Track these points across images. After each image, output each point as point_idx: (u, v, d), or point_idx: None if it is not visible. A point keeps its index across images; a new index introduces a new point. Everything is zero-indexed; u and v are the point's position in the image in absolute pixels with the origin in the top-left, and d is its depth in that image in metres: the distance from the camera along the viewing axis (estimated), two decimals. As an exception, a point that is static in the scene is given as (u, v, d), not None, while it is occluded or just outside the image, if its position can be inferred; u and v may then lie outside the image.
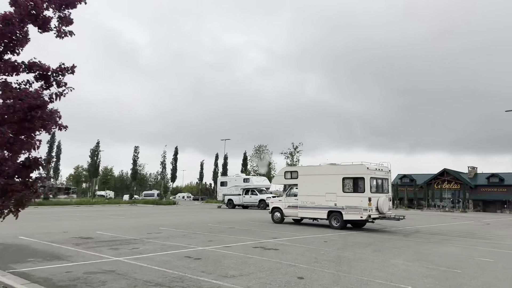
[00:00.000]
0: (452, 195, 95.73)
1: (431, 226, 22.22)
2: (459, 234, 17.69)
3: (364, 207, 16.63)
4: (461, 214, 59.74)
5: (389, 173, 18.28)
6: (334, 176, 17.87)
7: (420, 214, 42.69)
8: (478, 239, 15.90)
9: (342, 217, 17.33)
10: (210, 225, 18.16)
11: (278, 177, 20.76)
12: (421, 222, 25.57)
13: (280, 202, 20.00)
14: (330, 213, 17.80)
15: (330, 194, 17.77)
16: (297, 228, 17.86)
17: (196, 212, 30.92)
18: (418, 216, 35.23)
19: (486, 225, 24.58)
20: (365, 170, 16.92)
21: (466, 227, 22.51)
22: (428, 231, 18.68)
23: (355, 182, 17.25)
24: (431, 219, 29.55)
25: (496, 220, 31.86)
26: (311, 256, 10.18)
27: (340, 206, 17.39)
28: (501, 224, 25.85)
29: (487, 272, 8.93)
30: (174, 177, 61.26)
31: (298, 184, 19.07)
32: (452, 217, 35.67)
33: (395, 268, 9.08)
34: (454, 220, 29.01)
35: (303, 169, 19.75)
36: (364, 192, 16.76)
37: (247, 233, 15.08)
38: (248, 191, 36.46)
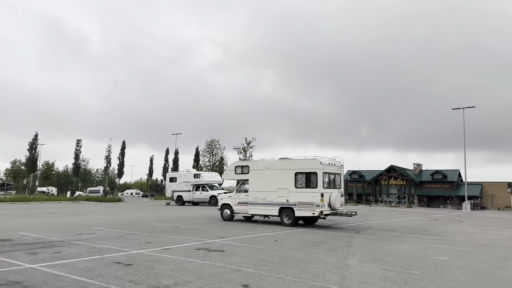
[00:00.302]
0: (398, 191, 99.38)
1: (382, 222, 22.13)
2: (410, 230, 17.53)
3: (316, 203, 15.96)
4: (407, 209, 61.81)
5: (341, 168, 17.77)
6: (286, 171, 17.07)
7: (369, 209, 43.38)
8: (430, 235, 15.74)
9: (294, 214, 16.58)
10: (153, 224, 16.73)
11: (228, 172, 19.66)
12: (371, 217, 25.54)
13: (230, 198, 18.93)
14: (281, 210, 16.99)
15: (282, 190, 16.95)
16: (247, 226, 16.89)
17: (141, 210, 29.13)
18: (368, 211, 35.57)
19: (435, 220, 24.99)
20: (318, 164, 16.25)
21: (416, 222, 22.65)
22: (379, 227, 18.42)
23: (308, 177, 16.55)
24: (381, 215, 29.77)
25: (444, 216, 32.77)
26: (259, 258, 9.19)
27: (292, 202, 16.62)
28: (448, 220, 26.43)
29: (444, 272, 8.39)
30: (121, 173, 58.36)
31: (249, 180, 18.09)
32: (401, 212, 36.39)
33: (350, 270, 8.31)
34: (403, 216, 29.40)
35: (254, 164, 18.79)
36: (317, 188, 16.09)
37: (192, 233, 13.87)
38: (199, 187, 35.06)
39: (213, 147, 57.12)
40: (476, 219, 29.64)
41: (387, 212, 36.15)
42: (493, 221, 26.71)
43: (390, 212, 35.15)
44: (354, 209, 37.50)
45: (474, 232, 17.62)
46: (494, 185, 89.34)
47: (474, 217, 32.91)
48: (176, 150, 56.84)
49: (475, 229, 18.97)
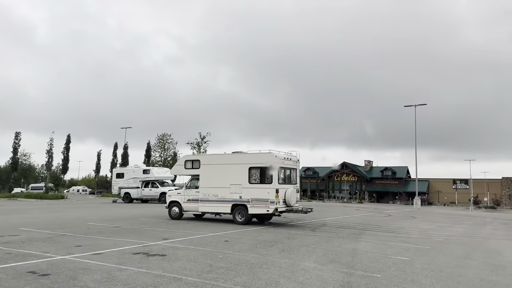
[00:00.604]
0: (350, 187, 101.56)
1: (337, 218, 21.67)
2: (366, 226, 17.07)
3: (271, 199, 15.02)
4: (358, 204, 62.96)
5: (297, 163, 16.96)
6: (240, 166, 15.99)
7: (323, 205, 43.37)
8: (386, 232, 15.29)
9: (247, 211, 15.54)
10: (91, 224, 15.05)
11: (177, 167, 18.25)
12: (326, 214, 25.11)
13: (179, 195, 17.54)
14: (234, 207, 15.90)
15: (235, 186, 15.87)
16: (197, 225, 15.65)
17: (83, 208, 26.95)
18: (322, 207, 35.38)
19: (388, 216, 24.98)
20: (273, 159, 15.31)
21: (370, 219, 22.41)
22: (334, 224, 17.83)
23: (263, 172, 15.57)
24: (335, 211, 29.53)
25: (396, 211, 33.14)
26: (205, 263, 8.04)
27: (246, 198, 15.58)
28: (401, 216, 26.56)
29: (408, 275, 7.66)
30: (66, 169, 54.83)
31: (200, 175, 16.82)
32: (354, 208, 36.53)
33: (307, 274, 7.38)
34: (357, 212, 29.32)
35: (206, 158, 17.53)
36: (272, 183, 15.15)
37: (132, 234, 12.43)
38: (148, 184, 33.16)
39: (164, 141, 54.80)
40: (427, 214, 30.17)
41: (340, 208, 36.15)
42: (444, 217, 27.20)
43: (344, 208, 35.15)
44: (308, 205, 37.17)
45: (429, 228, 17.48)
46: (440, 181, 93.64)
47: (424, 212, 33.62)
48: (125, 144, 54.08)
49: (429, 226, 18.91)
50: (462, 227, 18.35)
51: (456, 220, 24.20)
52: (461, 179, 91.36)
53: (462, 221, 23.35)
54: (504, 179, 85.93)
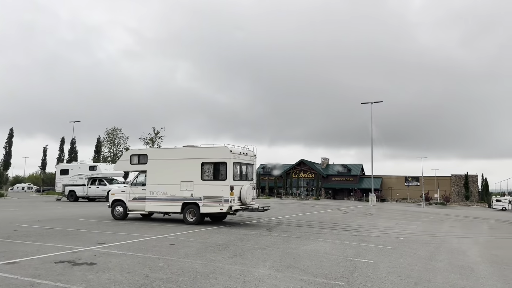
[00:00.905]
0: (307, 184, 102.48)
1: (294, 216, 20.88)
2: (324, 225, 16.33)
3: (225, 197, 13.88)
4: (315, 201, 63.18)
5: (254, 158, 15.91)
6: (191, 161, 14.70)
7: (280, 202, 42.80)
8: (344, 230, 14.59)
9: (199, 210, 14.30)
10: (19, 226, 13.21)
11: (122, 162, 16.60)
12: (283, 211, 24.31)
13: (124, 193, 15.93)
14: (185, 206, 14.60)
15: (186, 183, 14.57)
16: (142, 226, 14.21)
17: (20, 207, 24.47)
18: (280, 204, 34.69)
19: (346, 213, 24.56)
20: (228, 153, 14.15)
21: (328, 216, 21.82)
22: (292, 222, 16.97)
23: (216, 167, 14.38)
24: (293, 208, 28.85)
25: (352, 208, 33.01)
26: (141, 274, 6.77)
27: (198, 196, 14.33)
28: (358, 213, 26.28)
29: (374, 282, 6.79)
30: (8, 165, 50.94)
31: (147, 171, 15.35)
32: (311, 205, 36.13)
33: (260, 284, 6.31)
34: (314, 209, 28.80)
35: (154, 152, 16.02)
36: (226, 180, 13.99)
37: (64, 237, 10.85)
38: (95, 181, 30.91)
39: (114, 136, 51.80)
40: (383, 211, 30.20)
41: (298, 205, 35.63)
42: (400, 214, 27.23)
43: (301, 205, 34.64)
44: (266, 202, 36.36)
45: (387, 226, 17.03)
46: (393, 178, 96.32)
47: (380, 209, 33.78)
48: (73, 139, 50.70)
49: (387, 223, 18.53)
50: (420, 225, 18.11)
51: (412, 217, 24.19)
52: (413, 176, 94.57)
53: (418, 218, 23.35)
54: (453, 176, 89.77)
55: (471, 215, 29.65)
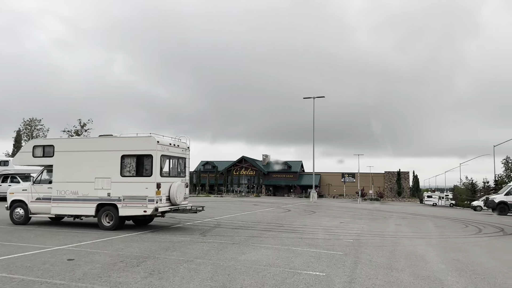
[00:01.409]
0: (248, 181, 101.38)
1: (234, 216, 18.96)
2: (266, 226, 14.57)
3: (150, 196, 11.57)
4: (256, 198, 61.97)
5: (187, 151, 13.72)
6: (109, 154, 12.20)
7: (220, 200, 40.80)
8: (289, 232, 12.91)
9: (118, 213, 11.86)
10: None
11: (23, 155, 13.56)
12: (222, 211, 22.32)
13: (25, 192, 12.98)
14: (100, 208, 12.07)
15: (102, 180, 12.06)
16: (44, 233, 11.44)
17: None
18: (219, 203, 32.67)
19: (288, 212, 23.07)
20: (154, 144, 11.84)
21: (270, 215, 20.16)
22: (231, 223, 15.03)
23: (140, 161, 12.02)
24: (232, 207, 26.94)
25: (294, 206, 31.78)
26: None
27: (116, 196, 11.87)
28: (300, 211, 24.95)
29: (334, 310, 5.05)
30: None
31: (54, 165, 12.57)
32: (252, 203, 34.48)
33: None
34: (255, 207, 27.11)
35: (62, 143, 13.16)
36: (152, 176, 11.69)
37: None
38: (7, 178, 26.82)
39: (32, 128, 46.26)
40: (325, 208, 29.27)
41: (238, 203, 33.82)
42: (342, 211, 26.36)
43: (242, 204, 32.87)
44: (205, 201, 34.15)
45: (333, 225, 15.66)
46: (330, 175, 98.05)
47: (321, 206, 32.94)
48: (-10, 132, 44.88)
49: (332, 222, 17.21)
50: (365, 223, 17.01)
51: (355, 214, 23.31)
52: (349, 173, 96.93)
53: (361, 215, 22.49)
54: (386, 173, 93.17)
55: (410, 212, 29.67)
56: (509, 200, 26.94)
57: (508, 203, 26.94)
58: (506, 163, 41.99)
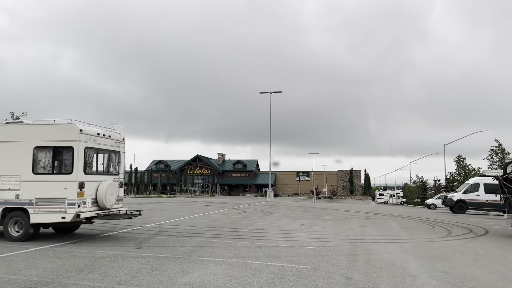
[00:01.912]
0: (203, 180, 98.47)
1: (181, 219, 16.69)
2: (218, 231, 12.48)
3: (70, 199, 9.14)
4: (210, 198, 59.56)
5: (122, 144, 11.31)
6: (18, 145, 9.62)
7: (171, 201, 38.16)
8: (244, 239, 10.90)
9: (29, 220, 9.33)
10: None
11: None
12: (169, 213, 19.95)
13: None
14: (6, 213, 9.48)
15: (9, 178, 9.46)
16: None
17: None
18: (168, 204, 30.11)
19: (243, 213, 21.02)
20: (76, 134, 9.40)
21: (223, 218, 18.07)
22: (176, 229, 12.79)
23: (58, 155, 9.55)
24: (182, 208, 24.58)
25: (250, 206, 29.83)
26: None
27: (27, 199, 9.32)
28: (257, 211, 23.00)
29: None
30: None
31: None
32: (205, 203, 32.17)
33: None
34: (208, 209, 24.89)
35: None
36: (72, 173, 9.27)
37: None
38: None
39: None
40: (282, 208, 27.61)
41: (190, 204, 31.42)
42: (300, 211, 24.72)
43: (194, 204, 30.50)
44: (155, 201, 31.47)
45: (294, 229, 13.83)
46: (285, 174, 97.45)
47: (278, 206, 31.30)
48: None
49: (292, 224, 15.40)
50: (328, 225, 15.37)
51: (314, 214, 21.74)
52: (304, 171, 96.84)
53: (321, 215, 20.95)
54: (339, 172, 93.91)
55: (369, 211, 28.71)
56: (468, 198, 26.62)
57: (467, 201, 26.63)
58: (458, 161, 42.62)
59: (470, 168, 42.29)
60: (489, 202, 25.81)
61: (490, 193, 26.15)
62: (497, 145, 37.77)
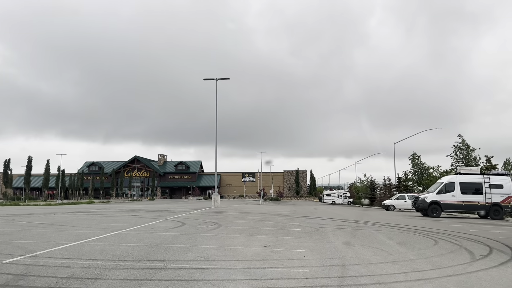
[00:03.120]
0: (142, 183, 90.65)
1: (79, 244, 10.98)
2: (130, 271, 7.13)
3: None
4: (149, 202, 53.08)
5: None
6: None
7: (93, 209, 31.70)
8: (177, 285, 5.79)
9: None
10: None
11: None
12: (65, 233, 14.08)
13: None
14: None
15: None
16: None
17: None
18: (81, 215, 23.89)
19: (180, 226, 15.51)
20: None
21: (149, 236, 12.60)
22: (53, 270, 7.23)
23: None
24: (94, 223, 18.66)
25: (191, 214, 24.43)
26: None
27: None
28: (200, 223, 17.60)
29: None
30: None
31: None
32: (133, 212, 26.28)
33: None
34: (133, 221, 19.16)
35: None
36: None
37: None
38: None
39: None
40: (231, 216, 22.60)
41: (113, 214, 25.34)
42: (255, 219, 19.66)
43: (116, 215, 24.47)
44: (70, 210, 25.12)
45: (257, 257, 8.82)
46: (230, 175, 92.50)
47: (226, 212, 26.28)
48: None
49: (252, 247, 10.35)
50: (301, 244, 10.63)
51: (275, 225, 16.90)
52: (249, 172, 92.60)
53: (284, 226, 16.16)
54: (285, 172, 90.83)
55: (334, 216, 24.57)
56: (442, 199, 23.33)
57: (441, 203, 23.36)
58: (413, 159, 40.23)
59: (426, 166, 40.09)
60: (465, 203, 22.74)
61: (465, 193, 23.11)
62: (461, 141, 35.76)
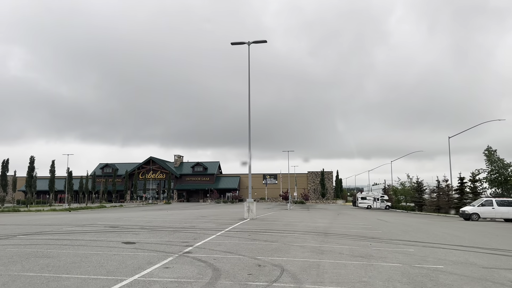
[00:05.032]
0: (157, 185, 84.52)
1: None
2: None
3: None
4: (165, 207, 46.42)
5: None
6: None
7: (103, 213, 24.87)
8: None
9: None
10: None
11: None
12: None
13: None
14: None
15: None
16: None
17: None
18: (62, 236, 17.09)
19: (210, 283, 8.59)
20: None
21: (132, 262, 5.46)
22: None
23: None
24: (68, 248, 11.79)
25: (220, 236, 17.24)
26: None
27: None
28: (242, 267, 10.71)
29: None
30: None
31: None
32: (138, 227, 19.39)
33: None
34: (125, 250, 12.30)
35: None
36: None
37: None
38: None
39: None
40: (297, 248, 15.43)
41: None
42: (350, 257, 12.30)
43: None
44: (64, 222, 18.45)
45: None
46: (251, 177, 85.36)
47: (276, 234, 19.16)
48: None
49: None
50: None
51: (407, 272, 9.82)
52: (271, 174, 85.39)
53: (424, 275, 9.10)
54: (309, 173, 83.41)
55: (451, 240, 17.18)
56: None
57: None
58: (489, 154, 32.40)
59: (504, 163, 32.31)
60: None
61: None
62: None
